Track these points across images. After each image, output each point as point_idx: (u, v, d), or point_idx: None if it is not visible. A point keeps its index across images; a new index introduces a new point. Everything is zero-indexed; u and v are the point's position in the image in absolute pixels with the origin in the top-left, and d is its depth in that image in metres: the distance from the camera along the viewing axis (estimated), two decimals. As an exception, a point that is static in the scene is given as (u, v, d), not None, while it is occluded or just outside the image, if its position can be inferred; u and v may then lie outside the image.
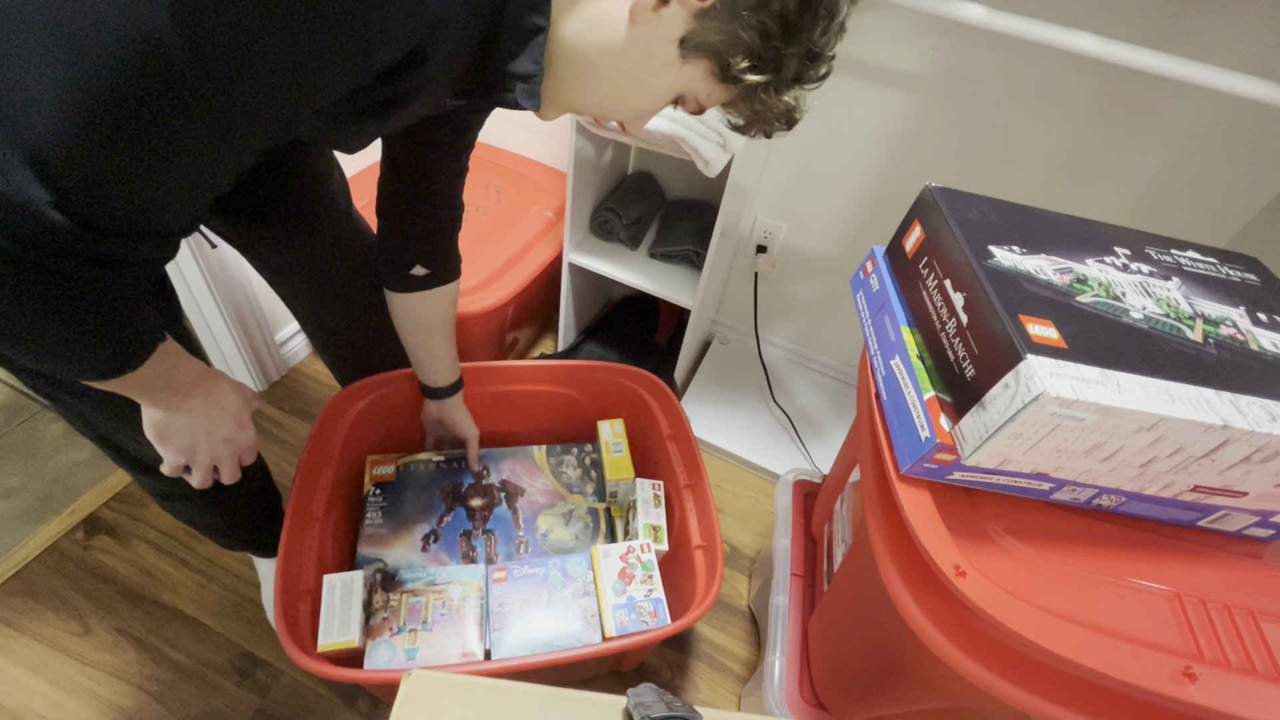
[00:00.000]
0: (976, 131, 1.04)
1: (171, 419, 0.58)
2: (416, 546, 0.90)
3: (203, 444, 0.60)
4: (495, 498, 0.97)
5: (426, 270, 0.77)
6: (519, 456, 0.99)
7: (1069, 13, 0.87)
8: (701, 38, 0.46)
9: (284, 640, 0.66)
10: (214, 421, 0.60)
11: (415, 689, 0.47)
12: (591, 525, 0.98)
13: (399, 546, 0.89)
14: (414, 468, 0.94)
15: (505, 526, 0.95)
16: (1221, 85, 0.74)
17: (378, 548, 0.88)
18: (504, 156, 1.50)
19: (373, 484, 0.90)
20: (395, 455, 0.91)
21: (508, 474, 0.98)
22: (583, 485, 1.01)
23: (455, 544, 0.92)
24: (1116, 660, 0.44)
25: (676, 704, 0.47)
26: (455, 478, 0.96)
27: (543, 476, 0.99)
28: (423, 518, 0.92)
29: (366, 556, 0.87)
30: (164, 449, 0.59)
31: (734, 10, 0.44)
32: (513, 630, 0.80)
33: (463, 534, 0.93)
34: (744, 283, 1.43)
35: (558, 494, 0.99)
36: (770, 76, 0.47)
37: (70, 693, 0.90)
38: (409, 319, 0.82)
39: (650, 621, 0.81)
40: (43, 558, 1.02)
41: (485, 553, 0.92)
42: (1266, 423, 0.45)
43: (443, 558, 0.90)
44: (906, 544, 0.55)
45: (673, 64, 0.47)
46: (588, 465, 1.02)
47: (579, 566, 0.86)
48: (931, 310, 0.59)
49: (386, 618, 0.78)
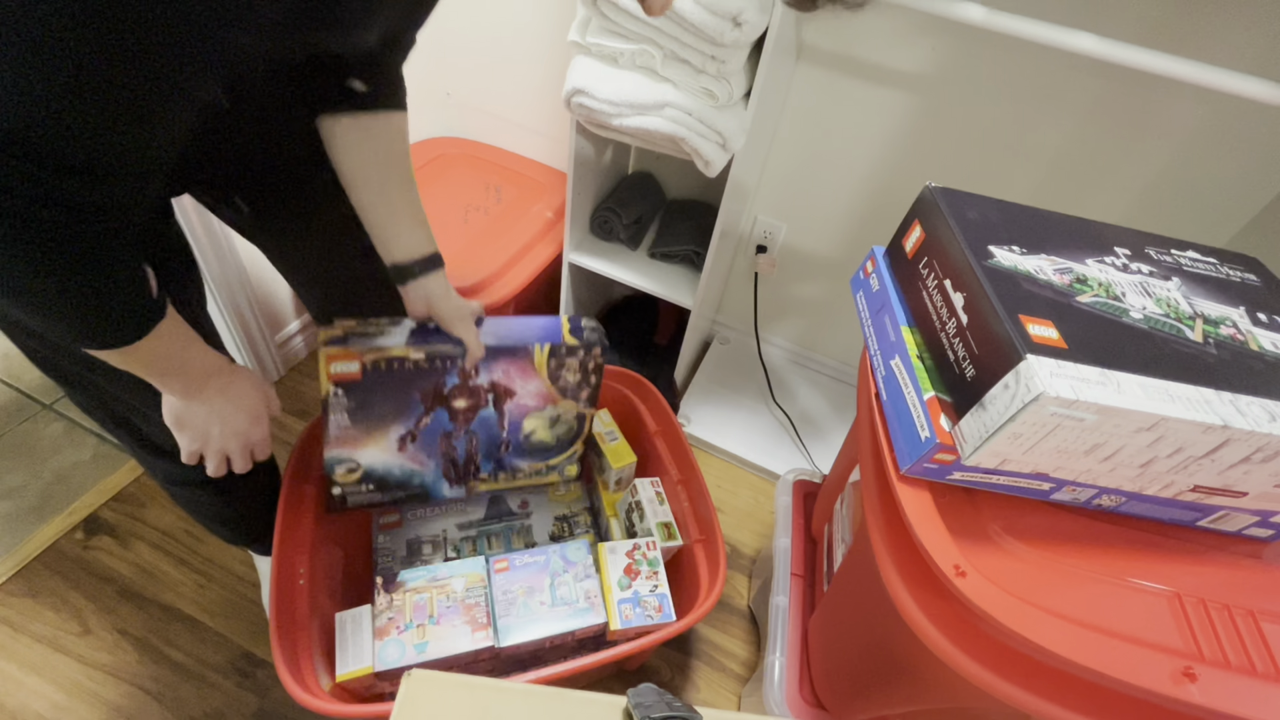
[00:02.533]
0: (976, 131, 1.04)
1: (188, 407, 0.60)
2: (392, 447, 0.82)
3: (215, 435, 0.62)
4: (482, 399, 0.84)
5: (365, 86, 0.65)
6: (517, 356, 0.84)
7: (1069, 13, 0.87)
8: None
9: (287, 682, 0.66)
10: (229, 415, 0.62)
11: (415, 689, 0.47)
12: (575, 429, 0.92)
13: (372, 448, 0.81)
14: (385, 365, 0.76)
15: (489, 428, 0.87)
16: (1221, 85, 0.74)
17: (348, 449, 0.80)
18: (504, 156, 1.50)
19: (331, 383, 0.75)
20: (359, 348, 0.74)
21: (500, 375, 0.84)
22: (578, 391, 0.90)
23: (434, 444, 0.84)
24: (1116, 660, 0.44)
25: (677, 704, 0.47)
26: (438, 378, 0.80)
27: (537, 379, 0.87)
28: (398, 419, 0.81)
29: (337, 457, 0.80)
30: (179, 435, 0.61)
31: None
32: (519, 618, 0.81)
33: (443, 434, 0.84)
34: (744, 283, 1.43)
35: (550, 398, 0.88)
36: None
37: (70, 693, 0.90)
38: (354, 157, 0.68)
39: (655, 616, 0.82)
40: (43, 558, 1.02)
41: (465, 452, 0.87)
42: (1266, 423, 0.45)
43: (421, 458, 0.84)
44: (906, 544, 0.55)
45: None
46: (590, 370, 0.89)
47: (579, 552, 0.88)
48: (931, 310, 0.59)
49: (392, 617, 0.78)
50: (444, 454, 0.86)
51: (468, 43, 1.36)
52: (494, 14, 1.29)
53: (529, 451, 0.89)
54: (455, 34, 1.36)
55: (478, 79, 1.42)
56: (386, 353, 0.76)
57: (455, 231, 1.27)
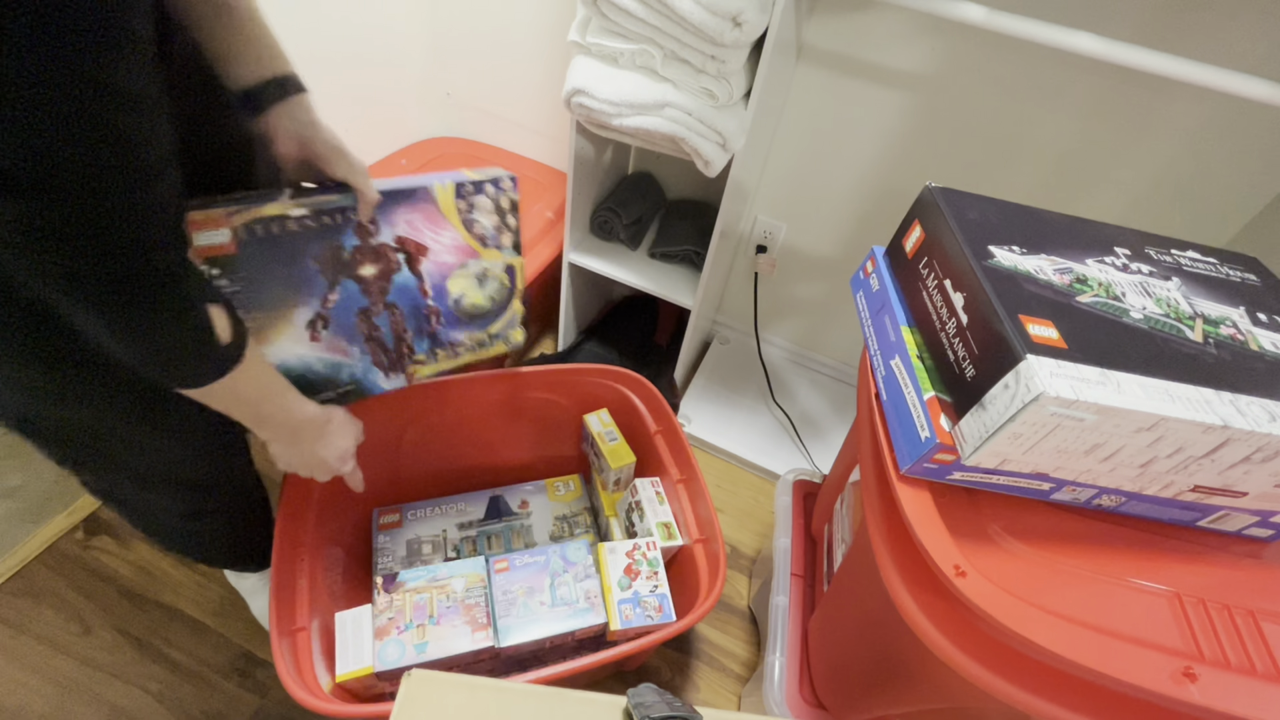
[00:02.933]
0: (976, 131, 1.04)
1: (285, 450, 0.66)
2: (303, 336, 0.69)
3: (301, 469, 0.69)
4: (392, 261, 0.73)
5: None
6: (418, 200, 0.73)
7: (1069, 13, 0.87)
8: None
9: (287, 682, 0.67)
10: (320, 459, 0.68)
11: (415, 689, 0.47)
12: (509, 284, 0.82)
13: (279, 340, 0.68)
14: (263, 230, 0.63)
15: (410, 297, 0.76)
16: (1221, 85, 0.74)
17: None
18: (504, 157, 1.50)
19: (202, 260, 0.61)
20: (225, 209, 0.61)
21: (404, 228, 0.73)
22: (498, 236, 0.80)
23: (353, 326, 0.72)
24: (1116, 660, 0.44)
25: (677, 704, 0.47)
26: (332, 238, 0.68)
27: (450, 228, 0.76)
28: (299, 299, 0.68)
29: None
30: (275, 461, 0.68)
31: None
32: (519, 618, 0.81)
33: (360, 312, 0.72)
34: (744, 283, 1.43)
35: (469, 250, 0.78)
36: None
37: (70, 693, 0.90)
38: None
39: (655, 616, 0.82)
40: (43, 558, 1.02)
41: (391, 330, 0.76)
42: (1266, 423, 0.45)
43: (341, 344, 0.72)
44: (906, 544, 0.55)
45: None
46: (505, 208, 0.79)
47: (579, 552, 0.88)
48: (931, 310, 0.59)
49: (392, 618, 0.78)
50: (367, 336, 0.74)
51: (468, 43, 1.36)
52: (494, 14, 1.29)
53: (464, 320, 0.80)
54: (455, 34, 1.36)
55: (478, 79, 1.42)
56: (259, 212, 0.63)
57: (455, 231, 1.27)
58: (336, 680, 0.73)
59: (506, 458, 1.11)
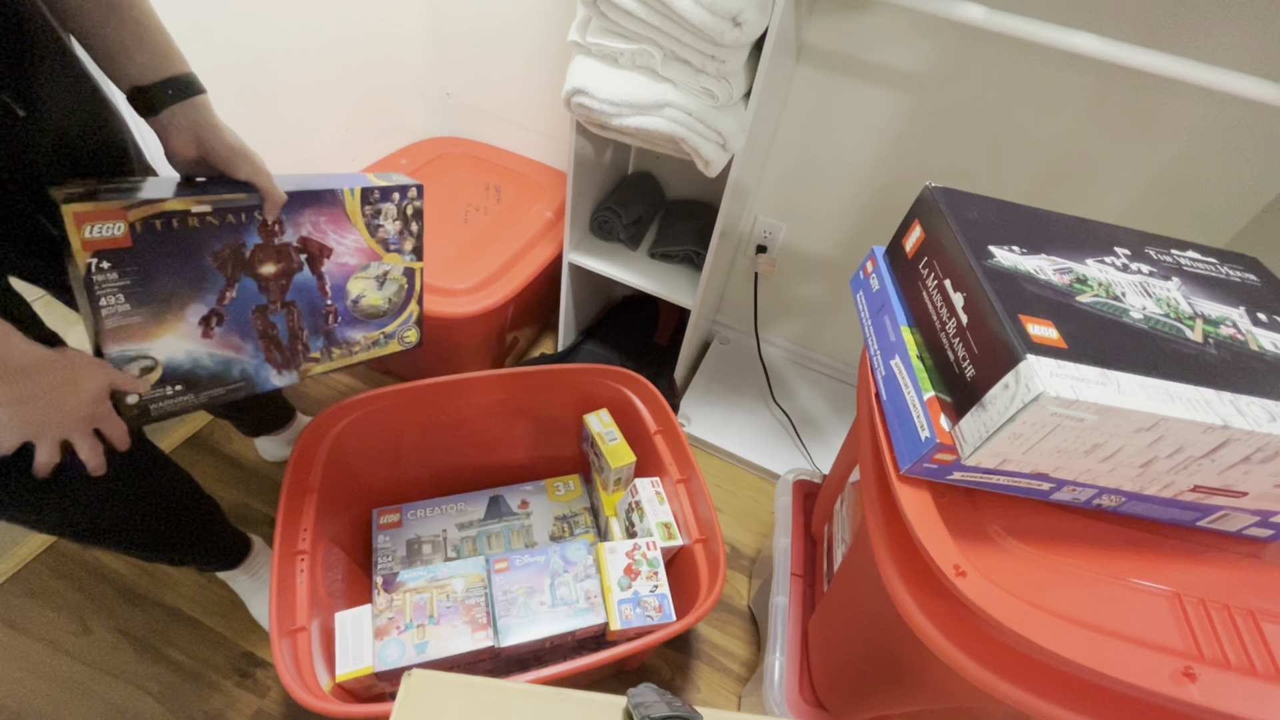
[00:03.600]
0: (976, 132, 1.04)
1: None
2: (194, 333, 0.67)
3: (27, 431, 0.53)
4: (294, 261, 0.72)
5: None
6: (323, 204, 0.72)
7: (1069, 13, 0.87)
8: None
9: (287, 682, 0.66)
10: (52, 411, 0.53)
11: (415, 689, 0.47)
12: (408, 287, 0.82)
13: (167, 336, 0.66)
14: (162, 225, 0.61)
15: (309, 296, 0.75)
16: (1221, 85, 0.74)
17: (135, 341, 0.64)
18: (504, 156, 1.50)
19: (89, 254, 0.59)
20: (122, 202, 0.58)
21: (309, 229, 0.72)
22: (400, 241, 0.80)
23: (248, 324, 0.71)
24: (1116, 660, 0.44)
25: (677, 704, 0.47)
26: (234, 237, 0.66)
27: (355, 231, 0.76)
28: (194, 295, 0.66)
29: (122, 354, 0.63)
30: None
31: None
32: (519, 618, 0.81)
33: (255, 310, 0.71)
34: (744, 283, 1.43)
35: (372, 253, 0.78)
36: None
37: (70, 693, 0.90)
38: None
39: (655, 616, 0.82)
40: (43, 558, 1.02)
41: (287, 329, 0.74)
42: (1266, 423, 0.45)
43: (234, 341, 0.70)
44: (906, 544, 0.55)
45: None
46: (409, 216, 0.80)
47: (579, 552, 0.88)
48: (931, 310, 0.59)
49: (392, 617, 0.78)
50: (262, 333, 0.73)
51: (467, 43, 1.37)
52: (494, 14, 1.29)
53: (360, 320, 0.80)
54: (455, 34, 1.36)
55: (478, 79, 1.42)
56: (159, 207, 0.60)
57: (455, 231, 1.28)
58: (336, 680, 0.73)
59: (506, 458, 1.11)
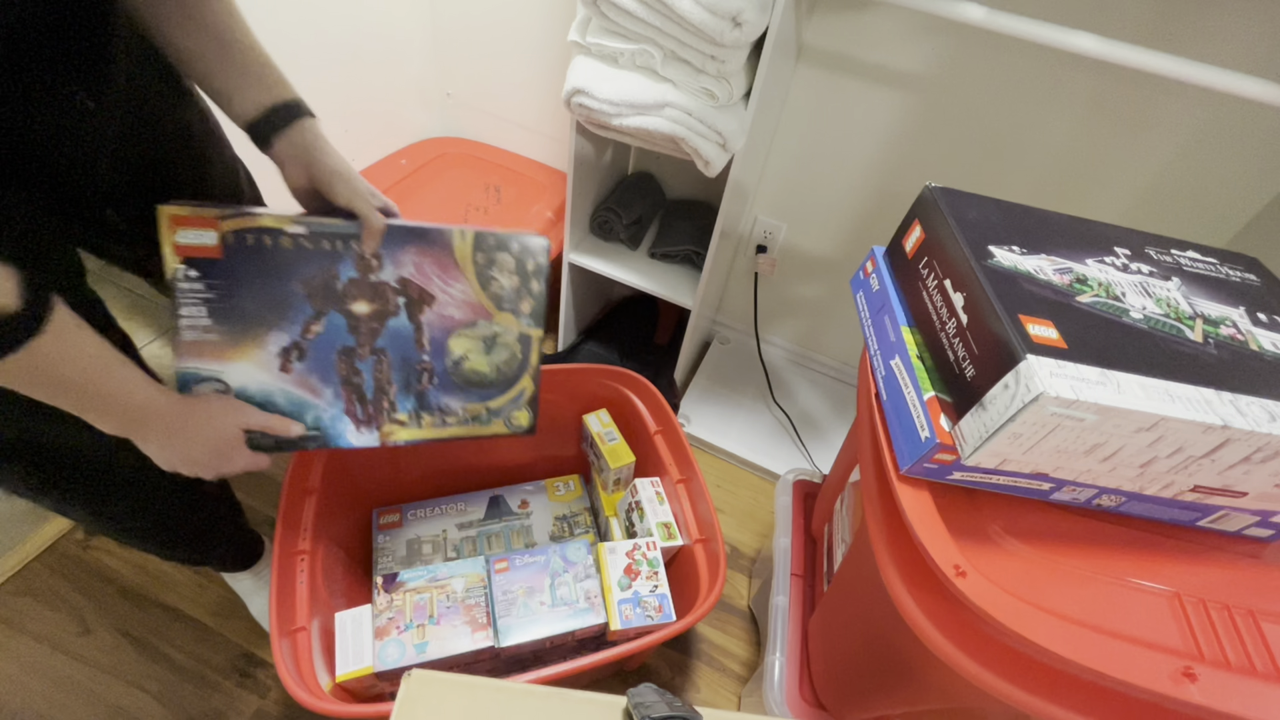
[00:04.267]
0: (976, 131, 1.04)
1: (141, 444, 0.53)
2: (272, 364, 0.62)
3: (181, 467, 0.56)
4: (391, 303, 0.66)
5: None
6: (431, 243, 0.66)
7: (1069, 13, 0.87)
8: None
9: (287, 682, 0.66)
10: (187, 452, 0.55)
11: (415, 689, 0.47)
12: (520, 357, 0.73)
13: (242, 362, 0.61)
14: (254, 240, 0.59)
15: (403, 346, 0.68)
16: (1221, 85, 0.74)
17: (210, 360, 0.60)
18: (504, 156, 1.50)
19: (179, 259, 0.56)
20: (217, 210, 0.57)
21: (411, 270, 0.66)
22: (516, 301, 0.71)
23: (331, 365, 0.65)
24: (1116, 660, 0.44)
25: (677, 704, 0.47)
26: (328, 265, 0.62)
27: (463, 280, 0.68)
28: (277, 321, 0.62)
29: (193, 372, 0.60)
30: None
31: None
32: (519, 618, 0.81)
33: (341, 352, 0.65)
34: (744, 283, 1.43)
35: (481, 309, 0.70)
36: None
37: (70, 693, 0.90)
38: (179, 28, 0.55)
39: (655, 616, 0.82)
40: (43, 558, 1.02)
41: (374, 380, 0.68)
42: (1266, 423, 0.45)
43: (313, 383, 0.64)
44: (906, 544, 0.55)
45: None
46: (530, 272, 0.71)
47: (579, 552, 0.88)
48: (931, 310, 0.59)
49: (392, 617, 0.78)
50: (345, 379, 0.66)
51: (467, 43, 1.37)
52: (494, 14, 1.29)
53: (461, 386, 0.71)
54: (455, 34, 1.36)
55: (478, 79, 1.42)
56: (253, 221, 0.58)
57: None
58: (336, 680, 0.73)
59: (506, 458, 1.11)
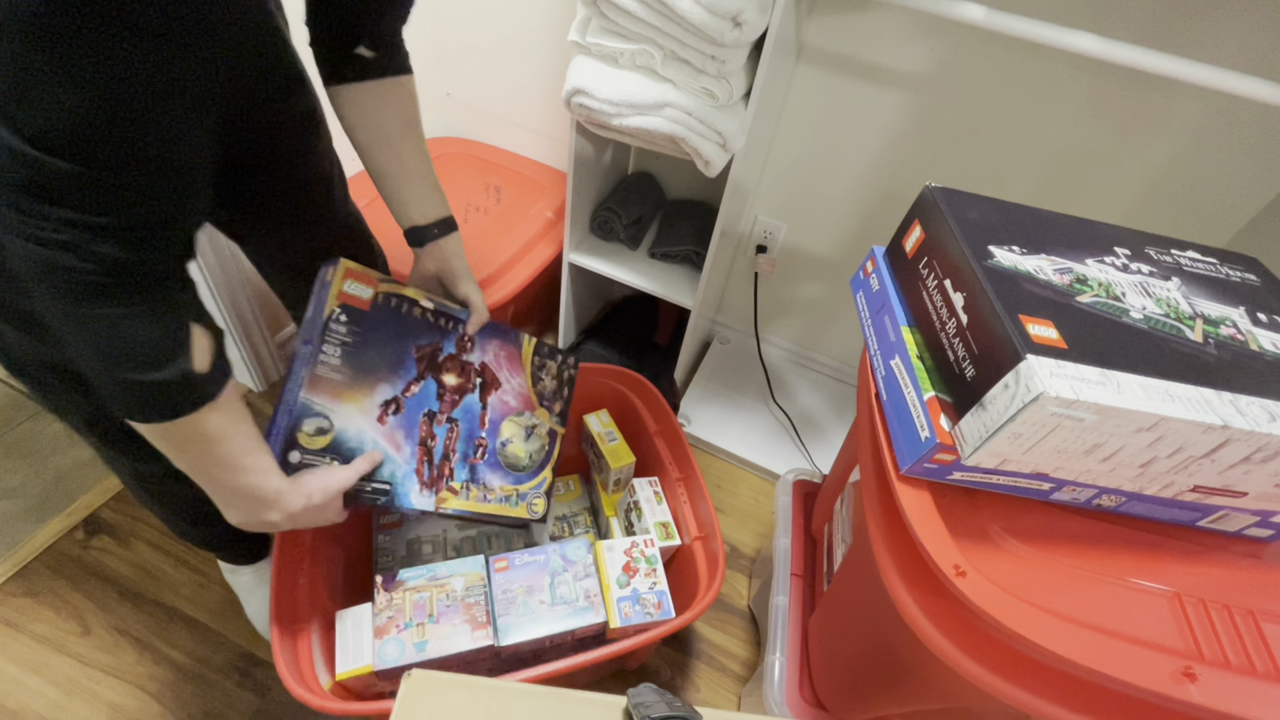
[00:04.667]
0: (976, 131, 1.04)
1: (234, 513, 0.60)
2: (373, 412, 0.73)
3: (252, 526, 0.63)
4: (471, 381, 0.83)
5: (372, 52, 0.66)
6: (508, 340, 0.86)
7: (1069, 13, 0.87)
8: None
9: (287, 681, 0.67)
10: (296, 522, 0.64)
11: (415, 689, 0.47)
12: (547, 449, 0.90)
13: (351, 405, 0.72)
14: (395, 304, 0.75)
15: (470, 419, 0.83)
16: (1222, 85, 0.74)
17: (327, 397, 0.70)
18: (504, 156, 1.50)
19: (339, 304, 0.70)
20: (377, 274, 0.73)
21: (490, 358, 0.85)
22: (552, 401, 0.91)
23: (415, 423, 0.78)
24: (1116, 660, 0.44)
25: (677, 704, 0.47)
26: (437, 338, 0.79)
27: (522, 374, 0.88)
28: (388, 376, 0.75)
29: (311, 404, 0.68)
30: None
31: None
32: (519, 617, 0.81)
33: (426, 414, 0.79)
34: (744, 283, 1.43)
35: (530, 401, 0.89)
36: None
37: (70, 693, 0.90)
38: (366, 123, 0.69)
39: (655, 613, 0.82)
40: (43, 558, 1.02)
41: (444, 444, 0.81)
42: (1266, 423, 0.45)
43: (398, 437, 0.76)
44: (906, 544, 0.55)
45: None
46: (564, 380, 0.93)
47: (578, 551, 0.88)
48: (931, 310, 0.59)
49: (392, 616, 0.78)
50: (422, 440, 0.78)
51: (468, 43, 1.36)
52: (494, 14, 1.29)
53: (503, 467, 0.86)
54: (455, 34, 1.36)
55: (478, 79, 1.42)
56: (401, 289, 0.76)
57: (455, 231, 1.28)
58: (337, 679, 0.73)
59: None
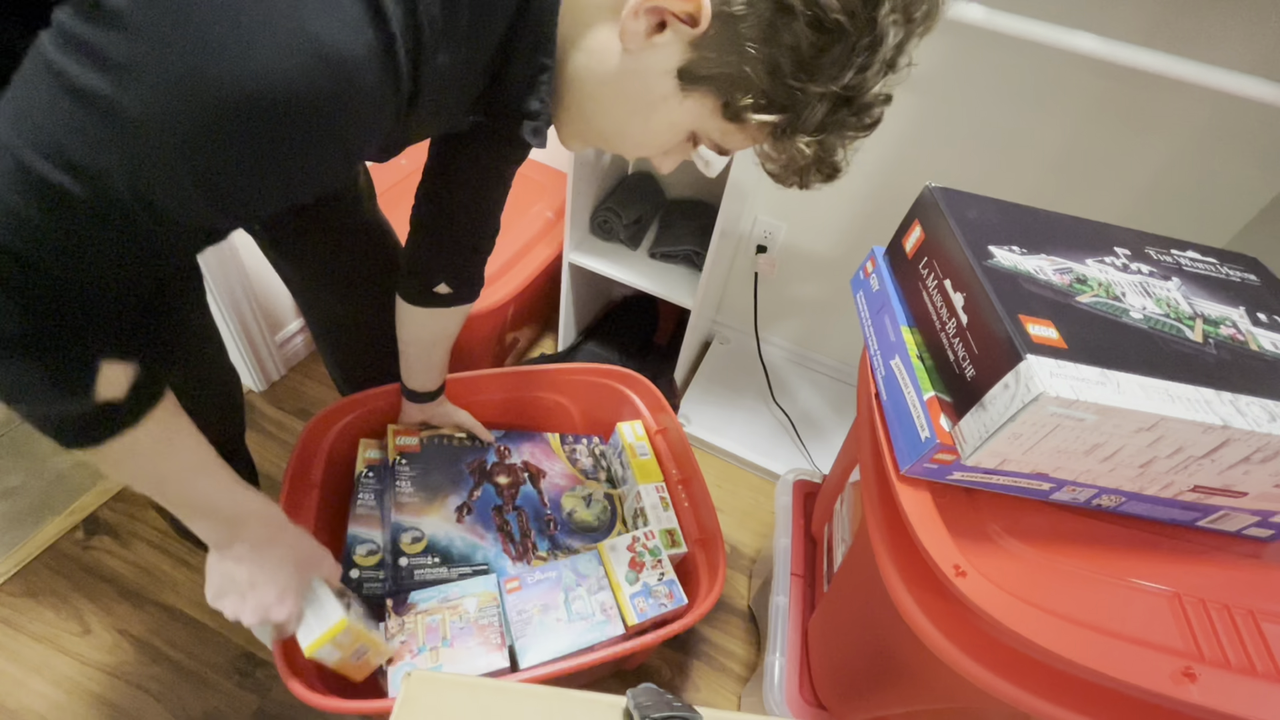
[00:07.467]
0: (976, 131, 1.04)
1: (219, 561, 0.57)
2: (451, 517, 0.89)
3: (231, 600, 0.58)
4: (520, 477, 0.98)
5: (450, 290, 0.76)
6: (536, 441, 1.03)
7: (1069, 13, 0.87)
8: (701, 69, 0.41)
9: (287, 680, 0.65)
10: (255, 583, 0.58)
11: (415, 689, 0.47)
12: (609, 509, 1.01)
13: (433, 516, 0.88)
14: (438, 441, 0.95)
15: (533, 504, 0.96)
16: (1221, 85, 0.74)
17: (411, 515, 0.87)
18: (504, 156, 1.50)
19: (398, 453, 0.91)
20: (419, 426, 0.95)
21: (528, 456, 1.01)
22: (595, 473, 1.04)
23: (489, 517, 0.92)
24: (1116, 660, 0.44)
25: (677, 704, 0.47)
26: (480, 455, 0.97)
27: (560, 461, 1.02)
28: (453, 490, 0.92)
29: (401, 524, 0.85)
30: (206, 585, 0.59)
31: (735, 40, 0.39)
32: (536, 636, 0.78)
33: (494, 509, 0.93)
34: (744, 283, 1.43)
35: (575, 478, 1.02)
36: (783, 118, 0.42)
37: (70, 693, 0.90)
38: (417, 330, 0.81)
39: (668, 603, 0.82)
40: (43, 558, 1.02)
41: (518, 527, 0.93)
42: (1266, 423, 0.45)
43: (479, 529, 0.90)
44: (906, 544, 0.55)
45: (672, 97, 0.43)
46: (597, 455, 1.07)
47: (589, 564, 0.86)
48: (931, 310, 0.59)
49: (405, 640, 0.75)
50: (498, 527, 0.92)
51: (468, 43, 1.36)
52: (494, 14, 1.29)
53: (576, 530, 0.97)
54: (455, 34, 1.36)
55: (478, 79, 1.42)
56: (439, 432, 0.97)
57: (455, 231, 1.28)
58: (305, 653, 0.65)
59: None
